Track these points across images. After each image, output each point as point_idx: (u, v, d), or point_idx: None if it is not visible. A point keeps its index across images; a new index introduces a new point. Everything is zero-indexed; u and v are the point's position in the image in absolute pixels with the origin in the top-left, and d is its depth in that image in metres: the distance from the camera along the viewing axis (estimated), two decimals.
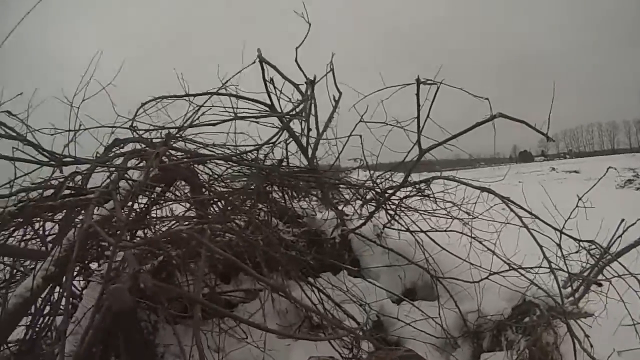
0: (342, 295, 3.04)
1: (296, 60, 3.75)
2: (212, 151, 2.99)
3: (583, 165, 30.14)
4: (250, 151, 2.96)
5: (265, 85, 3.15)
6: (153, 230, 2.85)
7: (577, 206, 3.41)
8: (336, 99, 3.88)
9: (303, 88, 3.49)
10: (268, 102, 3.25)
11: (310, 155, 3.65)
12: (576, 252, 3.37)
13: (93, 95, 2.67)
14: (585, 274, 3.64)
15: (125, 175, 2.62)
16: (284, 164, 3.31)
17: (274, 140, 3.07)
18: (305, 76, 3.79)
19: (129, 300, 1.87)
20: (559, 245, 3.24)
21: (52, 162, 2.63)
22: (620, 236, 3.83)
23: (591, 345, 3.07)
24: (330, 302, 2.87)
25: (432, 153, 3.33)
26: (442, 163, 4.22)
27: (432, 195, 3.53)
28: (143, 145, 2.89)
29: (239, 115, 2.88)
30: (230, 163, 3.04)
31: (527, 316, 3.19)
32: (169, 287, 2.36)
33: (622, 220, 3.94)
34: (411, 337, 3.08)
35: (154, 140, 2.91)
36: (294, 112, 3.05)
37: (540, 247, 3.08)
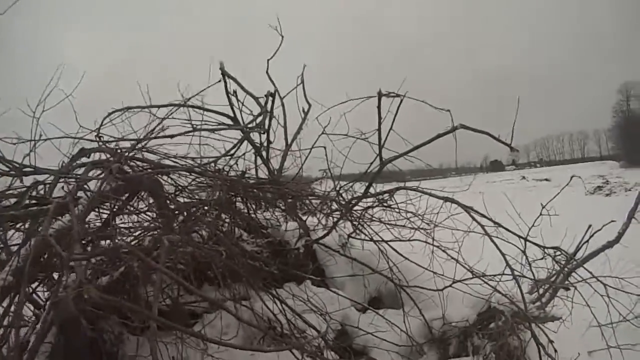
0: (304, 305, 3.03)
1: (267, 72, 3.82)
2: (176, 162, 3.00)
3: (553, 174, 30.55)
4: (210, 162, 2.99)
5: (228, 98, 3.19)
6: (115, 242, 2.85)
7: (541, 214, 3.46)
8: (305, 110, 3.94)
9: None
10: (232, 114, 3.29)
11: (278, 166, 3.69)
12: (541, 258, 3.42)
13: (53, 107, 2.69)
14: (552, 280, 3.67)
15: (85, 186, 2.63)
16: (247, 175, 3.33)
17: (232, 152, 3.09)
18: (275, 88, 3.85)
19: (72, 311, 1.87)
20: (523, 252, 3.28)
21: (12, 172, 2.63)
22: (587, 242, 3.88)
23: (555, 350, 3.09)
24: (292, 312, 2.87)
25: (396, 164, 3.38)
26: (413, 173, 4.27)
27: (394, 206, 3.55)
28: (108, 156, 2.90)
29: (200, 127, 2.90)
30: (194, 174, 3.05)
31: (492, 322, 3.20)
32: (115, 300, 2.36)
33: (589, 226, 4.00)
34: (376, 346, 3.07)
35: (119, 151, 2.92)
36: (253, 125, 3.08)
37: (503, 254, 3.11)
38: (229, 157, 3.07)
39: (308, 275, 3.32)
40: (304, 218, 3.62)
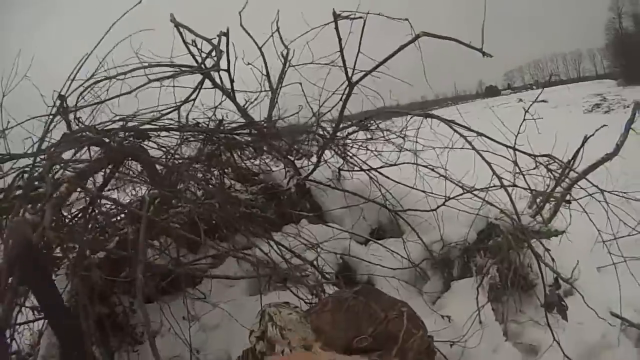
0: (303, 245, 3.04)
1: (241, 25, 3.70)
2: (155, 125, 2.96)
3: (550, 95, 29.90)
4: (172, 110, 2.95)
5: (188, 48, 3.08)
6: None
7: (524, 119, 3.36)
8: (284, 55, 3.85)
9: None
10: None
11: (267, 115, 3.69)
12: (534, 168, 3.31)
13: (12, 89, 2.60)
14: (550, 192, 3.62)
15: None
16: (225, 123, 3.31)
17: (194, 96, 3.05)
18: (253, 40, 3.75)
19: (29, 235, 1.87)
20: (515, 163, 3.20)
21: None
22: (582, 147, 3.76)
23: (553, 260, 3.11)
24: (291, 253, 2.90)
25: (394, 106, 3.29)
26: (409, 106, 4.15)
27: (376, 129, 3.52)
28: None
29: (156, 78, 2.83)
30: (173, 133, 3.03)
31: (492, 239, 3.23)
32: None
33: (585, 136, 3.88)
34: (380, 275, 3.09)
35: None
36: (211, 66, 2.96)
37: (489, 164, 2.99)
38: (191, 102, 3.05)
39: (304, 214, 3.32)
40: (290, 157, 3.58)
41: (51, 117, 2.73)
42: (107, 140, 2.79)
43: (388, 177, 3.50)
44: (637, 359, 3.15)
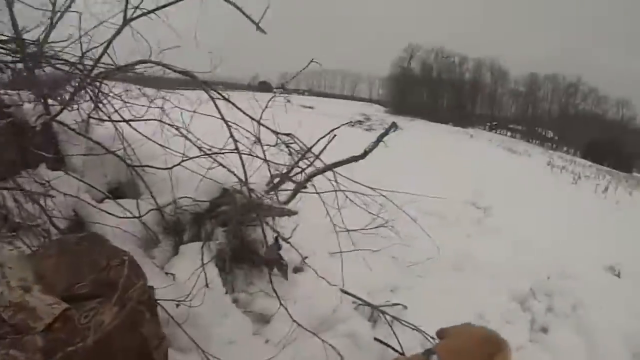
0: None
1: None
2: None
3: (319, 104, 31.18)
4: None
5: None
6: None
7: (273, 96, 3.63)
8: None
9: None
10: None
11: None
12: (274, 145, 3.37)
13: None
14: (288, 173, 4.00)
15: None
16: None
17: None
18: None
19: None
20: (257, 138, 3.21)
21: None
22: (324, 137, 4.07)
23: (280, 239, 3.35)
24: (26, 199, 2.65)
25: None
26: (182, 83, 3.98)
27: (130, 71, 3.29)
28: None
29: None
30: None
31: (225, 207, 3.24)
32: None
33: (332, 132, 4.10)
34: (113, 236, 2.87)
35: None
36: None
37: (229, 126, 3.00)
38: None
39: (47, 156, 3.00)
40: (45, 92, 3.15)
41: None
42: None
43: (136, 130, 3.34)
44: (370, 329, 3.39)
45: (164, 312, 2.51)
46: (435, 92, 52.62)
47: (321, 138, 4.14)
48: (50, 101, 3.21)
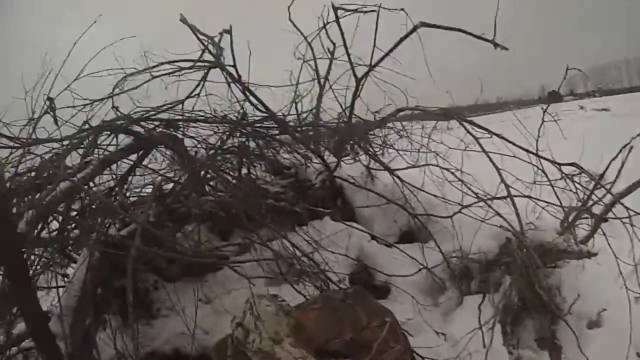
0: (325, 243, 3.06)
1: (290, 19, 3.81)
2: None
3: (613, 103, 27.83)
4: (176, 103, 3.07)
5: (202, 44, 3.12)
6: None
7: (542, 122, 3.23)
8: (331, 50, 3.93)
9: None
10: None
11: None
12: (560, 179, 3.10)
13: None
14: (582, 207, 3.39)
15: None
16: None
17: (198, 90, 3.14)
18: (302, 33, 3.89)
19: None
20: (541, 170, 3.05)
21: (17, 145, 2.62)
22: (615, 159, 3.45)
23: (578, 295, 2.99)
24: (313, 249, 2.95)
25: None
26: (470, 108, 4.09)
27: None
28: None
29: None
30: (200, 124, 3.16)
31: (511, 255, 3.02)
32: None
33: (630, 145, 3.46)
34: (396, 285, 3.05)
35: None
36: (214, 61, 3.04)
37: (498, 170, 2.88)
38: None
39: (327, 211, 3.36)
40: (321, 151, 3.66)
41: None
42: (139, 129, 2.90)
43: (403, 181, 3.47)
44: None
45: None
46: None
47: (613, 159, 3.52)
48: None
